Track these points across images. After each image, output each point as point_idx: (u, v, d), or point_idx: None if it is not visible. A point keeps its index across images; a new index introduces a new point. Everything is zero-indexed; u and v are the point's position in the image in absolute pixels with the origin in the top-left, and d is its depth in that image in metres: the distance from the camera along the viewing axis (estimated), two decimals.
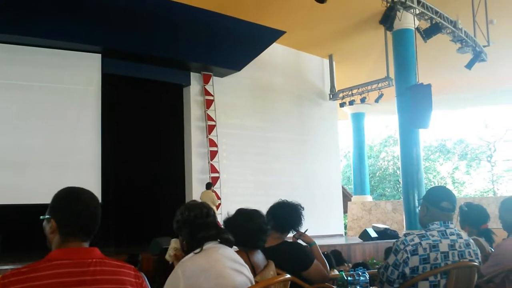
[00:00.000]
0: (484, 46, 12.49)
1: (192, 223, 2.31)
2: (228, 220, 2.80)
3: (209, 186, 11.59)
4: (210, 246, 2.27)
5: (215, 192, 12.26)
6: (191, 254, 2.24)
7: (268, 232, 2.84)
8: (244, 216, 2.78)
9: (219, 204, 12.53)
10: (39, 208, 1.79)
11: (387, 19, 10.97)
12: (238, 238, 2.73)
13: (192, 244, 2.28)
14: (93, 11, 10.01)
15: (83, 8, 9.89)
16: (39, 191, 9.48)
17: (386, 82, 15.27)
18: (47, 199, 1.80)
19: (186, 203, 2.46)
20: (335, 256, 7.03)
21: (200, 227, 2.30)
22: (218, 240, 2.32)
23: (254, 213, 2.81)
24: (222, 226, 2.82)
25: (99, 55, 11.15)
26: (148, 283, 2.28)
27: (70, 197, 1.78)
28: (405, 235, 2.75)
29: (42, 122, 10.38)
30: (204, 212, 2.35)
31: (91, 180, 10.42)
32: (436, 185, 25.77)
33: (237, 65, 13.12)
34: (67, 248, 1.71)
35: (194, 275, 2.13)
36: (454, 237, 2.73)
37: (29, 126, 10.24)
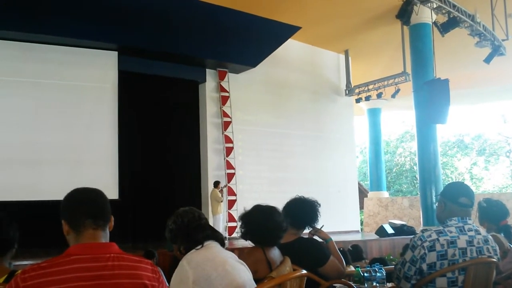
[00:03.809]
0: (503, 40, 12.29)
1: (188, 228, 2.39)
2: (246, 216, 2.80)
3: (215, 184, 11.63)
4: (209, 243, 2.34)
5: (228, 187, 12.41)
6: (192, 250, 2.29)
7: (286, 230, 2.84)
8: (263, 214, 2.77)
9: (235, 200, 12.60)
10: (56, 205, 1.83)
11: (404, 13, 10.88)
12: (255, 235, 2.74)
13: (190, 245, 2.33)
14: (109, 9, 10.08)
15: (99, 6, 9.97)
16: (56, 188, 9.58)
17: (403, 77, 15.14)
18: (64, 196, 1.84)
19: (175, 212, 2.52)
20: (355, 250, 6.99)
21: (196, 229, 2.38)
22: (214, 239, 2.39)
23: (273, 210, 2.81)
24: (239, 222, 2.84)
25: (116, 53, 11.24)
26: (165, 278, 2.30)
27: (70, 194, 1.85)
28: (422, 231, 2.73)
29: (59, 119, 10.50)
30: (196, 215, 2.45)
31: (108, 177, 10.52)
32: (454, 180, 25.50)
33: (253, 61, 13.12)
34: (86, 243, 1.74)
35: (201, 264, 2.18)
36: (472, 233, 2.70)
37: (46, 123, 10.37)
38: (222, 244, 2.41)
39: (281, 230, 2.78)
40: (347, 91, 16.41)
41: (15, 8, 9.41)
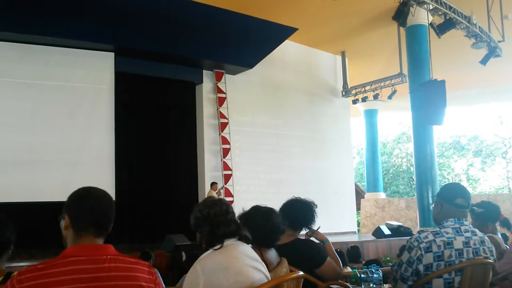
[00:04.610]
0: (499, 41, 12.33)
1: (213, 220, 2.33)
2: (244, 217, 2.79)
3: (212, 185, 11.61)
4: (230, 243, 2.29)
5: (225, 188, 12.37)
6: (210, 251, 2.26)
7: (283, 232, 2.84)
8: (262, 215, 2.77)
9: (232, 201, 12.57)
10: (54, 206, 1.82)
11: (400, 14, 10.90)
12: (253, 236, 2.73)
13: (212, 241, 2.30)
14: (105, 10, 10.07)
15: (96, 7, 9.96)
16: (54, 189, 9.60)
17: (400, 78, 15.17)
18: (61, 197, 1.84)
19: (204, 200, 2.47)
20: (353, 252, 7.00)
21: (220, 224, 2.32)
22: (237, 237, 2.34)
23: (272, 212, 2.81)
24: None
25: (112, 54, 11.22)
26: (162, 279, 2.30)
27: (83, 193, 1.83)
28: (419, 232, 2.73)
29: (56, 120, 10.47)
30: (223, 209, 2.37)
31: (104, 178, 10.49)
32: (451, 182, 25.57)
33: (250, 62, 13.12)
34: (82, 245, 1.74)
35: (214, 273, 2.15)
36: (468, 234, 2.70)
37: (43, 124, 10.34)
38: (247, 241, 2.37)
39: (279, 232, 2.78)
40: (343, 92, 16.43)
41: (11, 9, 9.38)
